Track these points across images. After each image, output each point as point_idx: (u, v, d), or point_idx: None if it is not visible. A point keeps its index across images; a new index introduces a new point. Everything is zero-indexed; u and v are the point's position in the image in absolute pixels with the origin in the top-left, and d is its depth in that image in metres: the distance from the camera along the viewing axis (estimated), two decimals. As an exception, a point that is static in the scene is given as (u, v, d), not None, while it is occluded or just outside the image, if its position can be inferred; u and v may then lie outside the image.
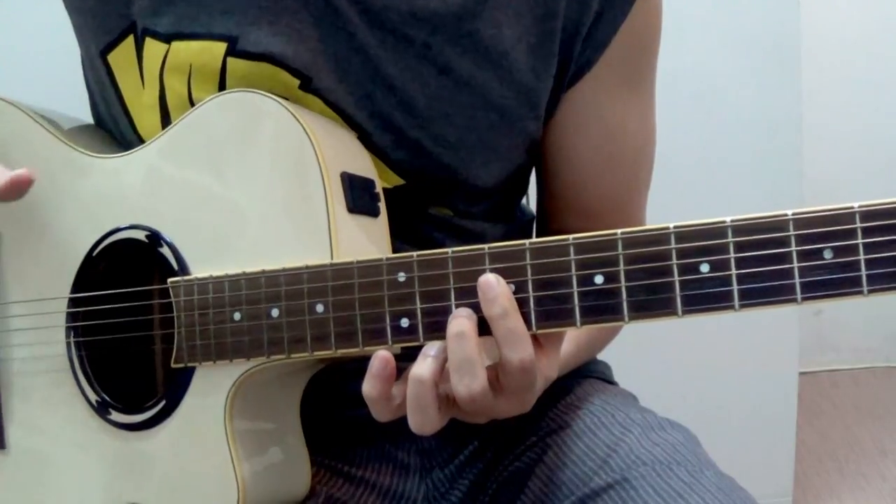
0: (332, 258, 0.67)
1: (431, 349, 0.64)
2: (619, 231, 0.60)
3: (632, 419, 0.82)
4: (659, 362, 1.70)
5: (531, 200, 0.97)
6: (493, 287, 0.61)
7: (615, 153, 0.88)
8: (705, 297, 0.57)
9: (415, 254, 0.64)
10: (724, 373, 1.83)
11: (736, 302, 0.56)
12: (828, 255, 0.54)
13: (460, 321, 0.62)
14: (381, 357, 0.63)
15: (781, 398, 1.90)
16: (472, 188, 0.83)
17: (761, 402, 1.89)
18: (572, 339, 0.83)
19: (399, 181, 0.80)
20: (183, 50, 0.75)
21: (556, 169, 0.89)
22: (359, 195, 0.71)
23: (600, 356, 0.96)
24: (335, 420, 0.83)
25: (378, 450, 0.85)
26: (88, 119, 0.91)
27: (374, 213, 0.73)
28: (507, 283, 0.62)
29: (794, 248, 0.55)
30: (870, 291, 0.54)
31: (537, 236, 0.95)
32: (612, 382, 0.95)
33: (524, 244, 0.62)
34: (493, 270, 0.62)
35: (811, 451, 2.25)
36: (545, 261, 0.62)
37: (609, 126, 0.86)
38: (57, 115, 0.86)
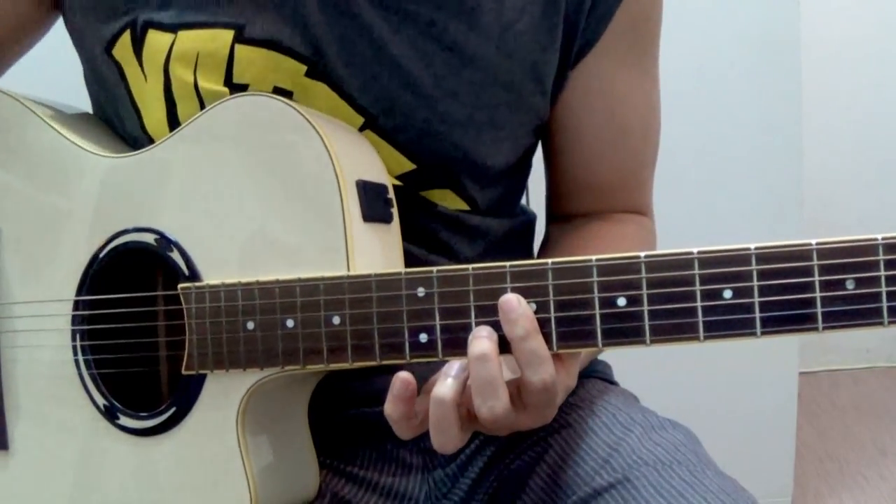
0: (348, 269, 0.67)
1: (452, 369, 0.64)
2: (642, 254, 0.60)
3: (633, 419, 0.82)
4: (659, 362, 1.71)
5: (530, 201, 0.98)
6: (515, 308, 0.61)
7: (622, 127, 0.88)
8: (727, 324, 0.58)
9: (434, 269, 0.64)
10: (725, 373, 1.83)
11: (758, 329, 0.57)
12: (850, 285, 0.55)
13: (481, 342, 0.62)
14: (403, 379, 0.63)
15: (781, 398, 1.90)
16: (481, 169, 0.83)
17: (761, 402, 1.89)
18: None
19: (408, 166, 0.80)
20: (190, 39, 0.75)
21: (564, 147, 0.89)
22: (373, 203, 0.71)
23: (601, 356, 0.96)
24: (338, 419, 0.83)
25: (380, 449, 0.85)
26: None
27: (388, 219, 0.73)
28: (528, 302, 0.62)
29: (816, 277, 0.55)
30: (890, 322, 0.54)
31: (547, 221, 0.96)
32: (612, 382, 0.95)
33: (546, 263, 0.62)
34: (514, 289, 0.62)
35: (811, 451, 2.26)
36: (567, 281, 0.61)
37: (615, 100, 0.87)
38: (61, 107, 0.85)
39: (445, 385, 0.63)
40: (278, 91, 0.76)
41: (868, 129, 2.73)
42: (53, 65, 0.96)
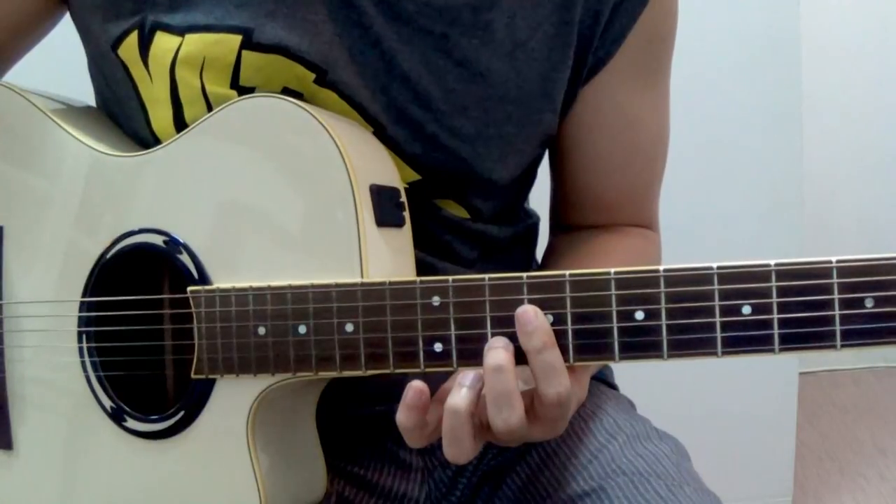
0: (361, 276, 0.67)
1: (466, 379, 0.63)
2: (661, 268, 0.60)
3: (619, 427, 0.82)
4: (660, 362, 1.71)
5: (530, 202, 0.97)
6: (532, 320, 0.61)
7: (631, 145, 0.88)
8: (746, 340, 0.58)
9: (450, 278, 0.64)
10: (725, 373, 1.84)
11: (776, 346, 0.57)
12: (869, 304, 0.55)
13: (497, 353, 0.62)
14: (416, 388, 0.63)
15: (781, 398, 1.91)
16: (487, 183, 0.82)
17: (761, 402, 1.89)
18: None
19: (414, 176, 0.80)
20: (197, 42, 0.74)
21: (573, 162, 0.89)
22: (386, 208, 0.70)
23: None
24: (338, 419, 0.83)
25: (381, 449, 0.85)
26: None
27: (400, 223, 0.72)
28: (545, 313, 0.62)
29: (836, 295, 0.55)
30: (908, 342, 0.54)
31: (551, 229, 0.96)
32: (612, 385, 0.94)
33: (564, 275, 0.62)
34: (530, 300, 0.62)
35: (811, 451, 2.26)
36: (585, 294, 0.61)
37: (626, 118, 0.86)
38: (65, 101, 0.84)
39: (460, 395, 0.63)
40: (288, 92, 0.75)
41: (868, 128, 2.74)
42: (57, 53, 0.95)
